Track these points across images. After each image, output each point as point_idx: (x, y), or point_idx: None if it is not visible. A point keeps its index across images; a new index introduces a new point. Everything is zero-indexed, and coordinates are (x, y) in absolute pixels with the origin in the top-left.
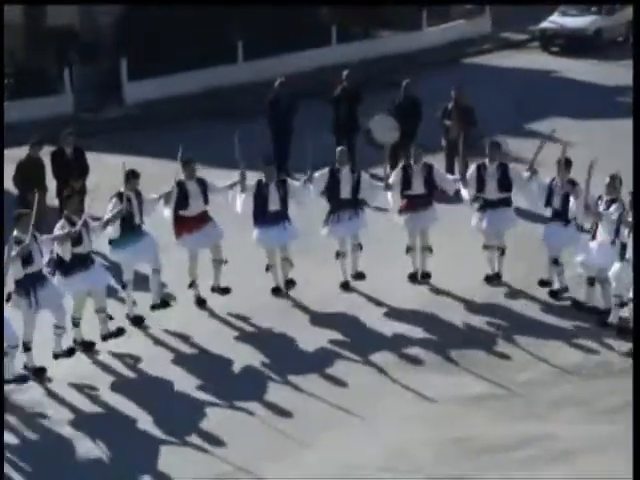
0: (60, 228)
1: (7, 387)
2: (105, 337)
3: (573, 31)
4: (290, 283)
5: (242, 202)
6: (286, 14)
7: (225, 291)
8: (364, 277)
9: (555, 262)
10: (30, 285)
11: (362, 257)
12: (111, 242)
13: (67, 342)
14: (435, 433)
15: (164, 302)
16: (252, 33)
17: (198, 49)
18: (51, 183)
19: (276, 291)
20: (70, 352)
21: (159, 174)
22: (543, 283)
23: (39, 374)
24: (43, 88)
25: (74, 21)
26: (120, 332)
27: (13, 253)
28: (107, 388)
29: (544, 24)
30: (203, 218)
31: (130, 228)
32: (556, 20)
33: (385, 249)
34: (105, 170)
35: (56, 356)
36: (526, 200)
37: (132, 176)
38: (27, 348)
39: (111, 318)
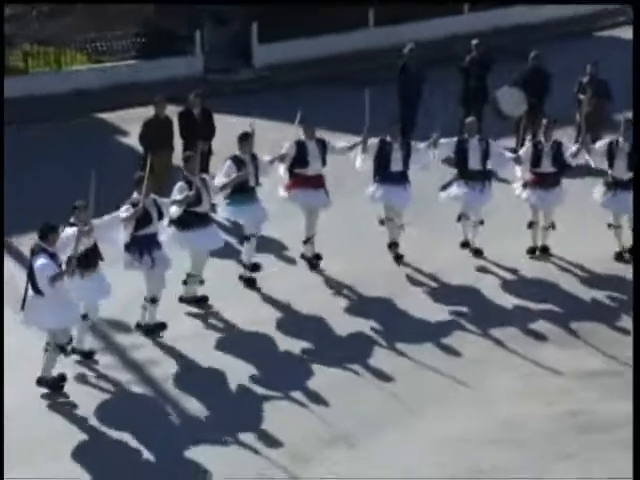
0: (179, 190)
1: (124, 344)
2: (183, 300)
3: None
4: (394, 245)
5: (362, 160)
6: None
7: (317, 258)
8: (482, 253)
9: None
10: (144, 246)
11: (482, 228)
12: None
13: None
14: (544, 407)
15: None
16: None
17: (329, 14)
18: (178, 143)
19: (392, 245)
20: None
21: (283, 137)
22: None
23: (159, 330)
24: (174, 49)
25: None
26: (203, 299)
27: (127, 214)
28: (216, 347)
29: None
30: (319, 181)
31: (243, 190)
32: None
33: (505, 221)
34: (232, 131)
35: (146, 329)
36: None
37: (245, 138)
38: (153, 300)
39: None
